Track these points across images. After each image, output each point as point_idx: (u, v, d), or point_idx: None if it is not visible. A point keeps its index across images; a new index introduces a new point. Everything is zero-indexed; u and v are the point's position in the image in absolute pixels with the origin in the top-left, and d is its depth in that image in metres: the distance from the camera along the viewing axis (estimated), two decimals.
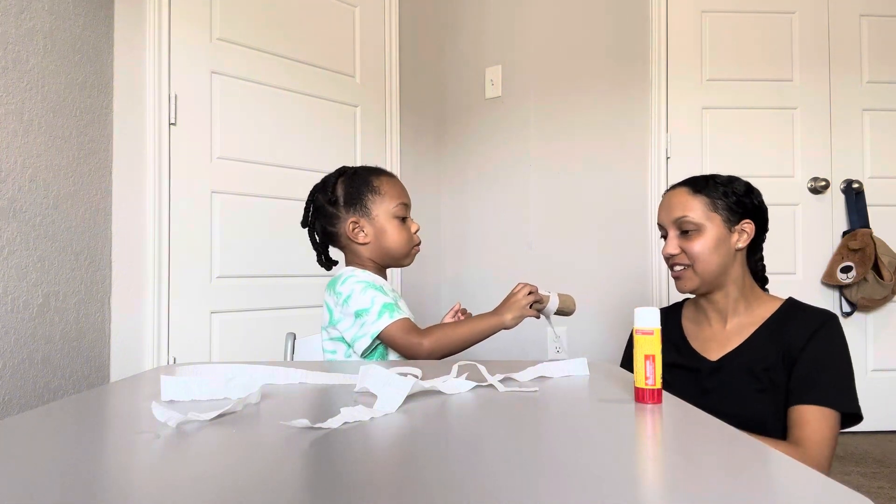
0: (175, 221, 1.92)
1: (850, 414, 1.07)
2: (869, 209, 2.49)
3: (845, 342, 1.12)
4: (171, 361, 1.90)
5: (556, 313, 1.22)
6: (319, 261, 1.28)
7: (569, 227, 2.51)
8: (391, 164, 2.55)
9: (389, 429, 0.59)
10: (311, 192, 1.27)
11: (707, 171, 1.32)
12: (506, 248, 2.59)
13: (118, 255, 1.82)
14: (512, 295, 1.19)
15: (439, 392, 0.74)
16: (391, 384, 0.68)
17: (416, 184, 2.68)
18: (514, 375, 0.82)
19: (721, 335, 1.21)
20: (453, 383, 0.75)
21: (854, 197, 2.50)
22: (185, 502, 0.40)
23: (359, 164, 2.53)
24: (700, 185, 1.21)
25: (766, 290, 1.27)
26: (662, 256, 1.25)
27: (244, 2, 2.12)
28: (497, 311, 1.18)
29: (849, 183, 2.52)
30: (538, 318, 1.22)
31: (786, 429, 1.10)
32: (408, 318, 1.14)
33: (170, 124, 1.92)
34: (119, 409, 0.71)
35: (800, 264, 2.52)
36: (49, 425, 0.60)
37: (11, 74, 1.48)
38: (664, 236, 1.24)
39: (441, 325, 1.16)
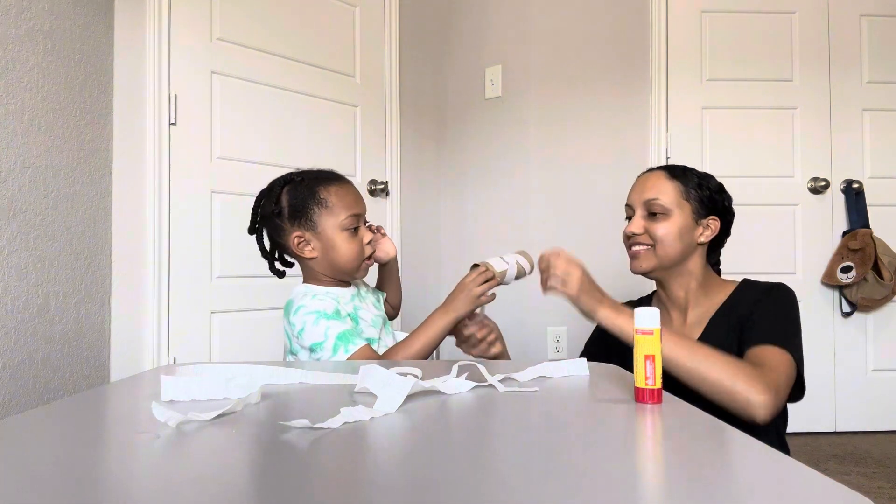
0: (175, 221, 1.92)
1: (796, 386, 1.05)
2: (869, 209, 2.49)
3: (795, 305, 1.13)
4: (171, 361, 1.90)
5: (516, 279, 1.17)
6: (271, 268, 1.21)
7: (569, 227, 2.51)
8: (391, 165, 2.55)
9: (389, 429, 0.59)
10: (257, 197, 1.20)
11: (707, 172, 1.32)
12: (505, 247, 2.58)
13: (118, 255, 1.81)
14: (463, 285, 1.13)
15: (439, 392, 0.73)
16: (391, 384, 0.68)
17: (415, 184, 2.68)
18: (514, 375, 0.82)
19: (682, 329, 1.22)
20: (453, 383, 0.75)
21: (854, 197, 2.50)
22: (185, 502, 0.40)
23: (359, 164, 2.54)
24: (677, 172, 1.22)
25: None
26: (623, 236, 1.25)
27: (244, 2, 2.12)
28: (448, 306, 1.12)
29: (849, 183, 2.52)
30: (494, 297, 1.16)
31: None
32: (365, 347, 1.08)
33: (170, 124, 1.92)
34: (119, 409, 0.71)
35: (800, 264, 2.52)
36: (49, 425, 0.60)
37: (11, 74, 1.48)
38: (629, 217, 1.24)
39: (395, 347, 1.12)
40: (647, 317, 0.71)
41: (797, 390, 1.06)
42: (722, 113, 2.55)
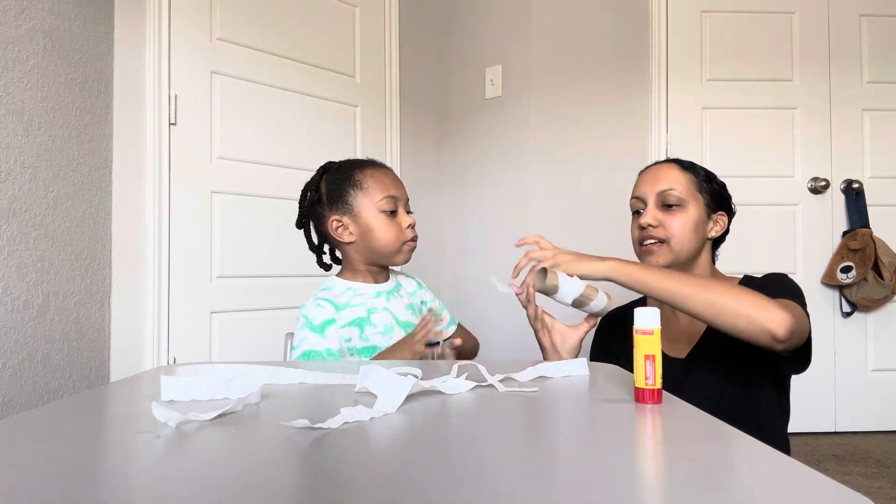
0: (175, 221, 1.92)
1: (803, 350, 1.01)
2: (869, 209, 2.49)
3: (794, 282, 1.09)
4: (171, 361, 1.90)
5: (542, 291, 1.05)
6: (318, 262, 1.23)
7: (569, 227, 2.51)
8: (391, 164, 2.55)
9: (389, 429, 0.59)
10: (302, 190, 1.22)
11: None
12: (506, 248, 2.58)
13: (118, 255, 1.81)
14: (408, 337, 1.06)
15: (439, 392, 0.73)
16: (391, 384, 0.68)
17: (416, 184, 2.68)
18: (514, 375, 0.82)
19: (688, 329, 1.17)
20: (453, 383, 0.75)
21: (854, 197, 2.50)
22: (185, 502, 0.40)
23: None
24: (686, 164, 1.20)
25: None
26: (634, 231, 1.19)
27: (244, 2, 2.12)
28: (390, 353, 1.07)
29: (849, 183, 2.52)
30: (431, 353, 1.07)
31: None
32: None
33: (170, 124, 1.92)
34: (119, 409, 0.71)
35: (800, 264, 2.52)
36: (49, 425, 0.60)
37: (11, 74, 1.48)
38: (638, 211, 1.19)
39: None
40: (647, 317, 0.71)
41: (803, 357, 1.02)
42: (722, 113, 2.55)
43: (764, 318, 0.91)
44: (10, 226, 1.47)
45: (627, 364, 1.22)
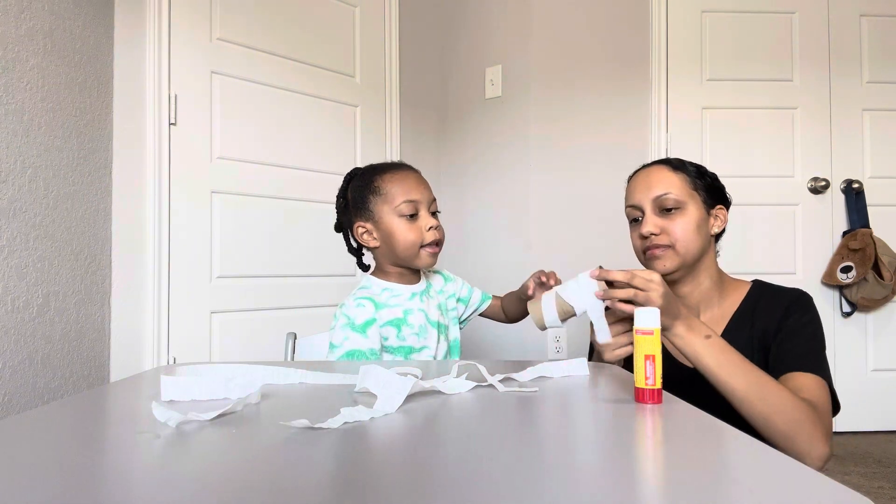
0: (175, 221, 1.92)
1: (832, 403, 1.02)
2: (869, 209, 2.49)
3: (819, 318, 1.08)
4: (171, 361, 1.90)
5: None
6: (358, 264, 1.26)
7: (568, 228, 2.51)
8: None
9: (389, 429, 0.59)
10: (336, 197, 1.25)
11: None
12: (505, 247, 2.59)
13: (118, 255, 1.81)
14: None
15: (439, 392, 0.73)
16: (391, 384, 0.68)
17: None
18: (514, 375, 0.82)
19: None
20: (453, 383, 0.75)
21: (854, 197, 2.50)
22: (185, 502, 0.40)
23: (359, 164, 2.55)
24: (676, 164, 1.14)
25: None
26: (635, 240, 1.15)
27: (244, 2, 2.12)
28: None
29: (849, 183, 2.52)
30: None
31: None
32: None
33: (170, 124, 1.92)
34: (119, 409, 0.71)
35: (800, 264, 2.52)
36: (49, 425, 0.60)
37: (11, 74, 1.48)
38: (636, 220, 1.14)
39: None
40: (648, 317, 0.71)
41: (833, 408, 1.03)
42: (722, 113, 2.55)
43: (804, 449, 0.90)
44: (10, 226, 1.47)
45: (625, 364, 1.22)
